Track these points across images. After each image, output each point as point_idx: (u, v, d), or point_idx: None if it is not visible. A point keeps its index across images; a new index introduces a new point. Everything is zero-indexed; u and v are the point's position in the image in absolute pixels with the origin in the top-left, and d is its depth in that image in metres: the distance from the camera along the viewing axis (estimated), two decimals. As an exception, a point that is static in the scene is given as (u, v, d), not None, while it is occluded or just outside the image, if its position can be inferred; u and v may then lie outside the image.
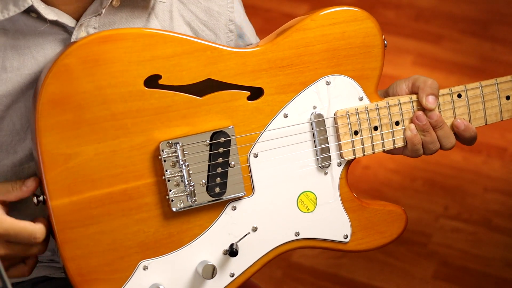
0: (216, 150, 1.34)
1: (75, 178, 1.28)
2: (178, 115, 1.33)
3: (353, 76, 1.43)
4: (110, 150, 1.30)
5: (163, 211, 1.33)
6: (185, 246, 1.35)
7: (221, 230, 1.37)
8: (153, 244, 1.33)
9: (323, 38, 1.40)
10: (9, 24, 1.31)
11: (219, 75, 1.35)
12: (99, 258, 1.30)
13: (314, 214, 1.42)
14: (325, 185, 1.43)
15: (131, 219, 1.32)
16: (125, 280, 1.32)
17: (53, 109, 1.26)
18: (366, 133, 1.43)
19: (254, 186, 1.38)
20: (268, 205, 1.39)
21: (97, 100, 1.28)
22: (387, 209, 1.47)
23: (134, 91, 1.30)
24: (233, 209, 1.37)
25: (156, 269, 1.33)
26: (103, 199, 1.30)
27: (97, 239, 1.30)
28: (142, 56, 1.30)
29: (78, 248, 1.29)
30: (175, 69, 1.32)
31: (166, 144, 1.32)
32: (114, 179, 1.30)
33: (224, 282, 1.38)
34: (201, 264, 1.35)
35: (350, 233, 1.45)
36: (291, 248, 1.42)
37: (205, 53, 1.34)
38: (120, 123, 1.30)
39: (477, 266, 2.51)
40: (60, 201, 1.28)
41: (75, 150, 1.28)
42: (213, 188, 1.35)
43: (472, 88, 1.49)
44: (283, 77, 1.38)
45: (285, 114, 1.39)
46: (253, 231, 1.39)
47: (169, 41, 1.32)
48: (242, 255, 1.38)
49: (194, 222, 1.35)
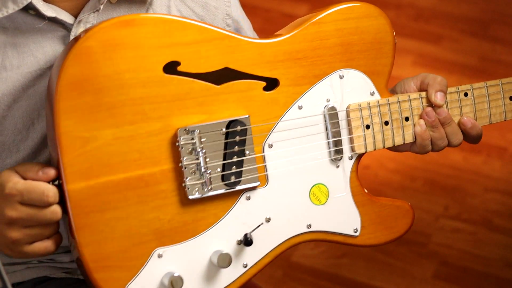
0: (232, 138, 1.35)
1: (92, 162, 1.27)
2: (195, 103, 1.33)
3: (365, 71, 1.44)
4: (127, 135, 1.29)
5: (179, 199, 1.32)
6: (200, 234, 1.34)
7: (235, 220, 1.36)
8: (168, 232, 1.32)
9: (337, 32, 1.42)
10: (8, 22, 1.31)
11: (236, 65, 1.35)
12: (114, 245, 1.28)
13: (325, 206, 1.43)
14: (337, 178, 1.43)
15: (147, 206, 1.30)
16: (139, 267, 1.30)
17: (72, 91, 1.25)
18: (378, 127, 1.45)
19: (268, 177, 1.38)
20: (281, 196, 1.39)
21: (116, 84, 1.28)
22: (395, 205, 1.48)
23: (153, 77, 1.30)
24: (248, 199, 1.37)
25: (170, 257, 1.32)
26: (119, 184, 1.29)
27: (112, 225, 1.28)
28: (162, 42, 1.30)
29: (93, 234, 1.27)
30: (194, 57, 1.32)
31: (183, 130, 1.31)
32: (131, 164, 1.29)
33: (238, 273, 1.37)
34: (215, 253, 1.34)
35: (360, 227, 1.45)
36: (302, 241, 1.42)
37: (223, 42, 1.34)
38: (138, 108, 1.29)
39: (477, 266, 2.52)
40: (77, 185, 1.26)
41: (93, 134, 1.27)
42: (228, 176, 1.34)
43: (478, 87, 1.52)
44: (298, 69, 1.40)
45: (299, 105, 1.40)
46: (266, 222, 1.38)
47: (189, 28, 1.32)
48: (255, 246, 1.37)
49: (209, 211, 1.35)
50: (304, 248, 2.56)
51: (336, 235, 1.44)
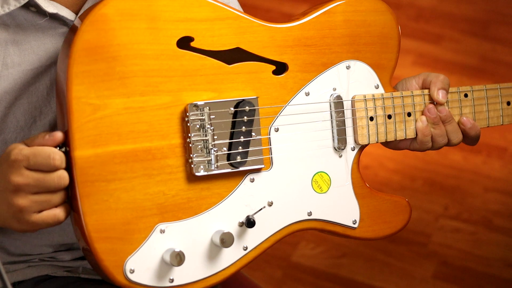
0: (240, 118, 1.34)
1: (101, 130, 1.25)
2: (206, 80, 1.33)
3: (371, 64, 1.46)
4: (138, 106, 1.28)
5: (185, 175, 1.31)
6: (202, 213, 1.33)
7: (238, 201, 1.35)
8: (172, 208, 1.30)
9: (345, 23, 1.44)
10: (9, 19, 1.31)
11: (248, 45, 1.36)
12: (118, 216, 1.26)
13: (327, 195, 1.43)
14: (339, 168, 1.44)
15: (153, 179, 1.29)
16: (141, 241, 1.28)
17: (86, 57, 1.24)
18: (381, 120, 1.46)
19: (273, 160, 1.38)
20: (284, 181, 1.39)
21: (130, 54, 1.27)
22: (393, 200, 1.49)
23: (167, 50, 1.30)
24: (252, 181, 1.37)
25: (172, 234, 1.30)
26: (127, 155, 1.27)
27: (117, 196, 1.26)
28: (177, 16, 1.30)
29: (97, 203, 1.25)
30: (207, 34, 1.32)
31: (193, 106, 1.31)
32: (139, 136, 1.28)
33: (238, 255, 1.35)
34: (217, 233, 1.33)
35: (359, 219, 1.45)
36: (302, 228, 1.42)
37: (236, 22, 1.35)
38: (150, 80, 1.29)
39: (477, 266, 2.52)
40: (84, 152, 1.24)
41: (104, 102, 1.25)
42: (234, 156, 1.34)
43: (478, 89, 1.55)
44: (307, 55, 1.41)
45: (306, 92, 1.41)
46: (268, 206, 1.38)
47: (204, 5, 1.33)
48: (256, 229, 1.36)
49: (213, 189, 1.34)
50: (304, 248, 2.55)
51: (335, 225, 1.44)
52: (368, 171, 2.83)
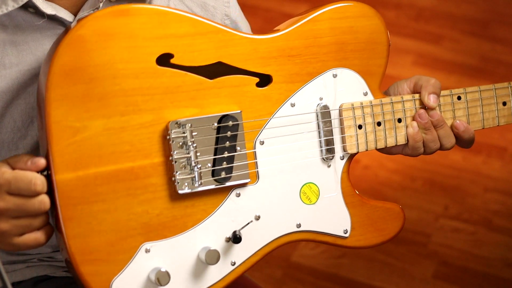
0: (224, 133, 1.33)
1: (82, 152, 1.25)
2: (188, 96, 1.31)
3: (359, 70, 1.44)
4: (119, 126, 1.27)
5: (169, 193, 1.30)
6: (188, 230, 1.32)
7: (224, 216, 1.34)
8: (157, 227, 1.30)
9: (331, 31, 1.41)
10: (8, 20, 1.31)
11: (229, 59, 1.34)
12: (102, 238, 1.26)
13: (316, 206, 1.41)
14: (328, 178, 1.42)
15: (136, 199, 1.28)
16: (126, 262, 1.28)
17: (64, 80, 1.23)
18: (370, 128, 1.44)
19: (259, 174, 1.37)
20: (271, 194, 1.38)
21: (108, 74, 1.26)
22: (386, 207, 1.47)
23: (146, 68, 1.28)
24: (237, 196, 1.36)
25: (158, 252, 1.30)
26: (109, 176, 1.27)
27: (100, 217, 1.26)
28: (156, 33, 1.29)
29: (80, 226, 1.25)
30: (188, 49, 1.31)
31: (175, 124, 1.30)
32: (121, 156, 1.27)
33: (225, 271, 1.35)
34: (203, 249, 1.32)
35: (350, 228, 1.44)
36: (292, 240, 1.41)
37: (217, 36, 1.33)
38: (130, 99, 1.28)
39: (477, 266, 2.51)
40: (65, 176, 1.24)
41: (84, 124, 1.25)
42: (219, 172, 1.33)
43: (472, 91, 1.52)
44: (291, 66, 1.39)
45: (292, 103, 1.39)
46: (256, 220, 1.37)
47: (183, 20, 1.31)
48: (244, 244, 1.35)
49: (198, 206, 1.33)
50: (304, 248, 2.54)
51: (325, 236, 1.43)
52: (368, 171, 2.81)
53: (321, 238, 1.43)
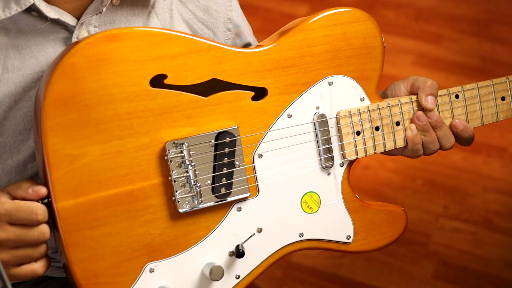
0: (221, 150, 1.34)
1: (81, 179, 1.26)
2: (183, 115, 1.32)
3: (354, 76, 1.43)
4: (116, 151, 1.28)
5: (169, 213, 1.32)
6: (191, 247, 1.33)
7: (226, 231, 1.36)
8: (160, 246, 1.31)
9: (325, 38, 1.41)
10: (11, 24, 1.30)
11: (223, 75, 1.34)
12: (105, 261, 1.28)
13: (317, 214, 1.42)
14: (328, 186, 1.42)
15: (137, 220, 1.30)
16: (131, 283, 1.30)
17: (58, 109, 1.24)
18: (368, 133, 1.44)
19: (259, 187, 1.37)
20: (272, 206, 1.39)
21: (102, 99, 1.27)
22: (388, 210, 1.47)
23: (140, 91, 1.29)
24: (239, 210, 1.36)
25: (162, 272, 1.31)
26: (109, 200, 1.28)
27: (103, 241, 1.27)
28: (147, 55, 1.29)
29: (84, 251, 1.26)
30: (181, 69, 1.31)
31: (172, 144, 1.30)
32: (120, 180, 1.28)
33: (230, 284, 1.36)
34: (207, 265, 1.34)
35: (353, 233, 1.45)
36: (295, 249, 1.42)
37: (210, 53, 1.33)
38: (125, 123, 1.28)
39: (477, 266, 2.52)
40: (66, 203, 1.25)
41: (81, 151, 1.26)
42: (219, 188, 1.34)
43: (469, 89, 1.51)
44: (286, 77, 1.38)
45: (288, 114, 1.39)
46: (258, 232, 1.38)
47: (174, 40, 1.31)
48: (247, 256, 1.37)
49: (200, 223, 1.34)
50: None
51: (329, 243, 1.44)
52: (368, 171, 2.80)
53: (324, 245, 1.44)
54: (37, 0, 1.28)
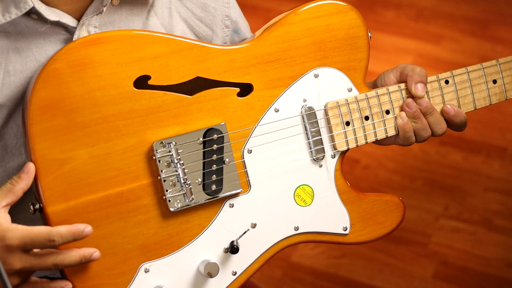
0: (209, 147, 1.34)
1: (70, 183, 1.27)
2: (169, 115, 1.33)
3: (341, 67, 1.44)
4: (104, 153, 1.29)
5: (161, 212, 1.32)
6: (185, 246, 1.34)
7: (220, 228, 1.36)
8: (153, 246, 1.32)
9: (308, 31, 1.41)
10: (11, 27, 1.31)
11: (207, 73, 1.35)
12: (100, 263, 1.29)
13: (311, 207, 1.42)
14: (320, 178, 1.42)
15: (130, 221, 1.31)
16: (127, 284, 1.30)
17: (44, 115, 1.26)
18: (358, 123, 1.44)
19: (250, 182, 1.38)
20: (265, 201, 1.39)
21: (87, 103, 1.28)
22: (384, 199, 1.47)
23: (124, 93, 1.30)
24: (231, 206, 1.37)
25: (157, 271, 1.32)
26: (100, 202, 1.29)
27: (96, 244, 1.28)
28: (130, 57, 1.30)
29: (77, 254, 1.27)
30: (164, 69, 1.32)
31: (159, 144, 1.31)
32: (110, 182, 1.29)
33: (227, 281, 1.36)
34: (202, 263, 1.34)
35: (349, 225, 1.44)
36: (291, 243, 1.42)
37: (192, 52, 1.34)
38: (112, 125, 1.29)
39: (477, 266, 2.51)
40: (57, 207, 1.27)
41: (69, 155, 1.27)
42: (209, 185, 1.34)
43: (459, 73, 1.51)
44: (271, 72, 1.39)
45: (275, 108, 1.40)
46: (252, 228, 1.38)
47: (156, 41, 1.32)
48: (243, 252, 1.37)
49: (192, 221, 1.34)
50: (304, 248, 2.55)
51: (325, 235, 1.43)
52: (368, 171, 2.79)
53: (321, 238, 1.43)
54: (36, 3, 1.29)
